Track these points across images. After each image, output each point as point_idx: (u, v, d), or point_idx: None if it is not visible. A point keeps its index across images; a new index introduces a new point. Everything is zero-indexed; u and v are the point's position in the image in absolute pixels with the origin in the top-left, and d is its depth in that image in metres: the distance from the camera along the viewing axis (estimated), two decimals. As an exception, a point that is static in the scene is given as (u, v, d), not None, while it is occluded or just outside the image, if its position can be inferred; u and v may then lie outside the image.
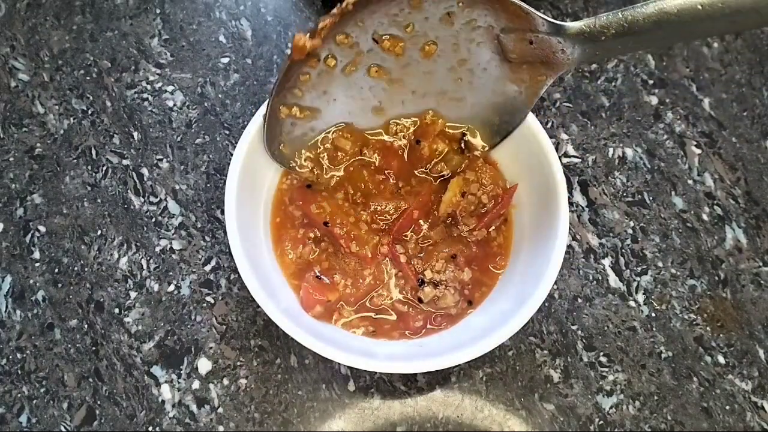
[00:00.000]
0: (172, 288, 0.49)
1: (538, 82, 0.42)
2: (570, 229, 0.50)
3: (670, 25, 0.34)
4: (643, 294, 0.50)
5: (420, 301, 0.44)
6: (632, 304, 0.50)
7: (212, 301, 0.49)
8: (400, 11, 0.41)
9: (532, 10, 0.39)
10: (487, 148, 0.47)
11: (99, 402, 0.46)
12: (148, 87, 0.56)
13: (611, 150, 0.55)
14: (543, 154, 0.45)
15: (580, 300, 0.49)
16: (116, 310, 0.48)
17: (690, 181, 0.54)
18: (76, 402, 0.46)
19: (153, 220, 0.51)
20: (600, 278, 0.50)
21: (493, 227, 0.47)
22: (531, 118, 0.45)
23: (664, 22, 0.34)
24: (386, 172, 0.48)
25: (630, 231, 0.52)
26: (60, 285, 0.49)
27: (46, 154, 0.53)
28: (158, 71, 0.56)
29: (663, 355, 0.48)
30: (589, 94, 0.56)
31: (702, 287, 0.50)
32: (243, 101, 0.55)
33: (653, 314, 0.49)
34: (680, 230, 0.52)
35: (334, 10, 0.40)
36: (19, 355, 0.47)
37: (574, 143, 0.55)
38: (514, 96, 0.44)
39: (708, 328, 0.49)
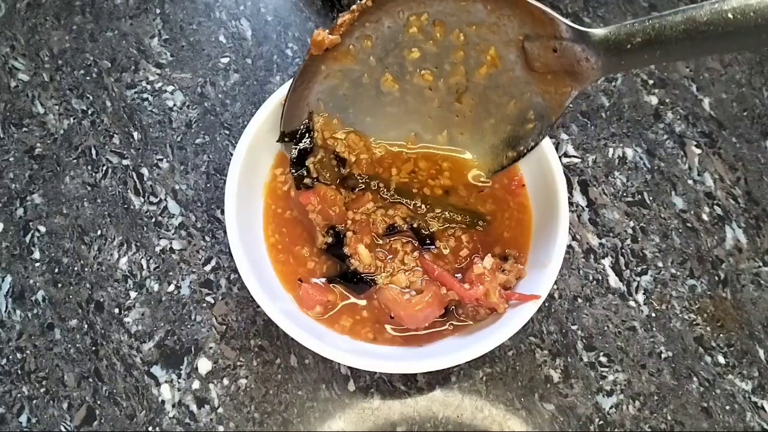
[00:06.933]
0: (172, 288, 0.49)
1: (563, 93, 0.41)
2: (570, 229, 0.50)
3: (699, 35, 0.32)
4: (643, 294, 0.50)
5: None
6: (632, 304, 0.50)
7: (212, 301, 0.49)
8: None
9: (557, 15, 0.38)
10: (491, 174, 0.47)
11: (99, 402, 0.46)
12: (148, 87, 0.56)
13: (611, 150, 0.55)
14: (543, 154, 0.45)
15: (580, 300, 0.49)
16: (116, 310, 0.48)
17: (690, 181, 0.54)
18: (76, 402, 0.46)
19: (153, 220, 0.51)
20: (600, 278, 0.50)
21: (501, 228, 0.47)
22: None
23: (693, 32, 0.32)
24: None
25: (630, 231, 0.52)
26: (60, 285, 0.49)
27: (46, 154, 0.53)
28: (158, 71, 0.56)
29: (663, 355, 0.48)
30: (589, 94, 0.56)
31: (702, 287, 0.50)
32: (243, 101, 0.55)
33: (653, 314, 0.49)
34: (680, 230, 0.52)
35: (354, 6, 0.40)
36: (19, 355, 0.47)
37: (574, 143, 0.55)
38: (538, 108, 0.43)
39: (708, 328, 0.49)
